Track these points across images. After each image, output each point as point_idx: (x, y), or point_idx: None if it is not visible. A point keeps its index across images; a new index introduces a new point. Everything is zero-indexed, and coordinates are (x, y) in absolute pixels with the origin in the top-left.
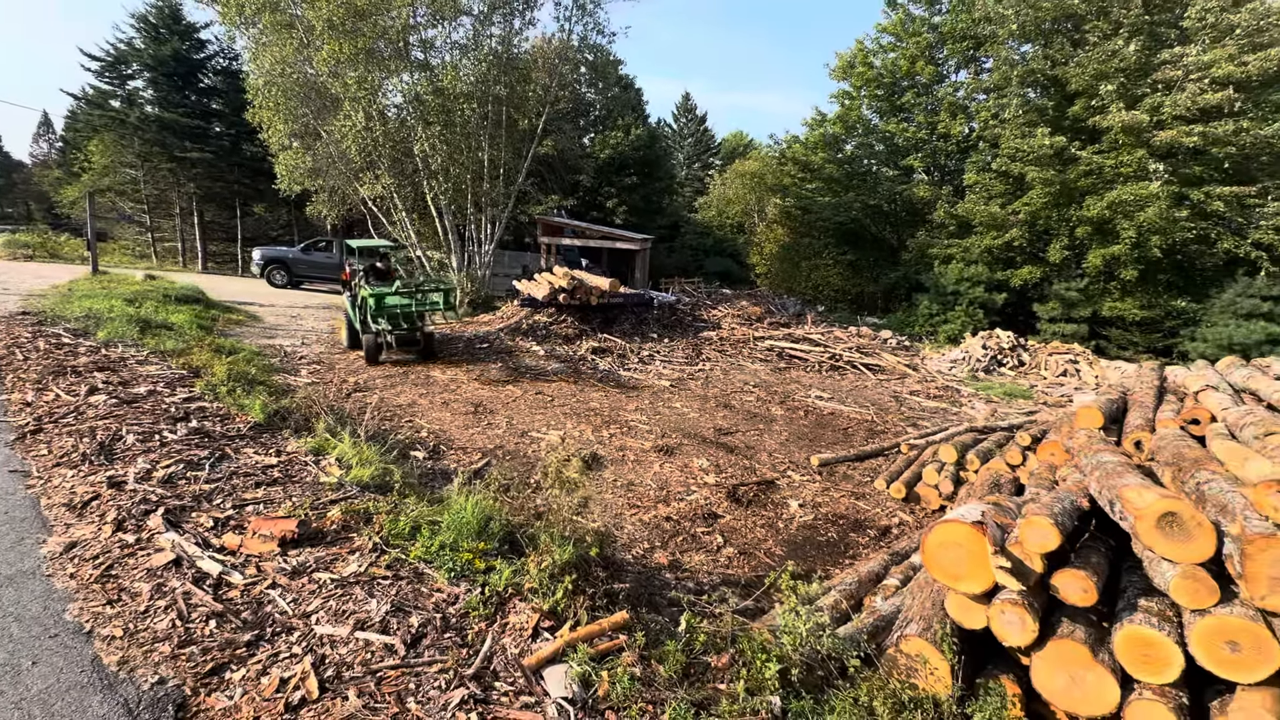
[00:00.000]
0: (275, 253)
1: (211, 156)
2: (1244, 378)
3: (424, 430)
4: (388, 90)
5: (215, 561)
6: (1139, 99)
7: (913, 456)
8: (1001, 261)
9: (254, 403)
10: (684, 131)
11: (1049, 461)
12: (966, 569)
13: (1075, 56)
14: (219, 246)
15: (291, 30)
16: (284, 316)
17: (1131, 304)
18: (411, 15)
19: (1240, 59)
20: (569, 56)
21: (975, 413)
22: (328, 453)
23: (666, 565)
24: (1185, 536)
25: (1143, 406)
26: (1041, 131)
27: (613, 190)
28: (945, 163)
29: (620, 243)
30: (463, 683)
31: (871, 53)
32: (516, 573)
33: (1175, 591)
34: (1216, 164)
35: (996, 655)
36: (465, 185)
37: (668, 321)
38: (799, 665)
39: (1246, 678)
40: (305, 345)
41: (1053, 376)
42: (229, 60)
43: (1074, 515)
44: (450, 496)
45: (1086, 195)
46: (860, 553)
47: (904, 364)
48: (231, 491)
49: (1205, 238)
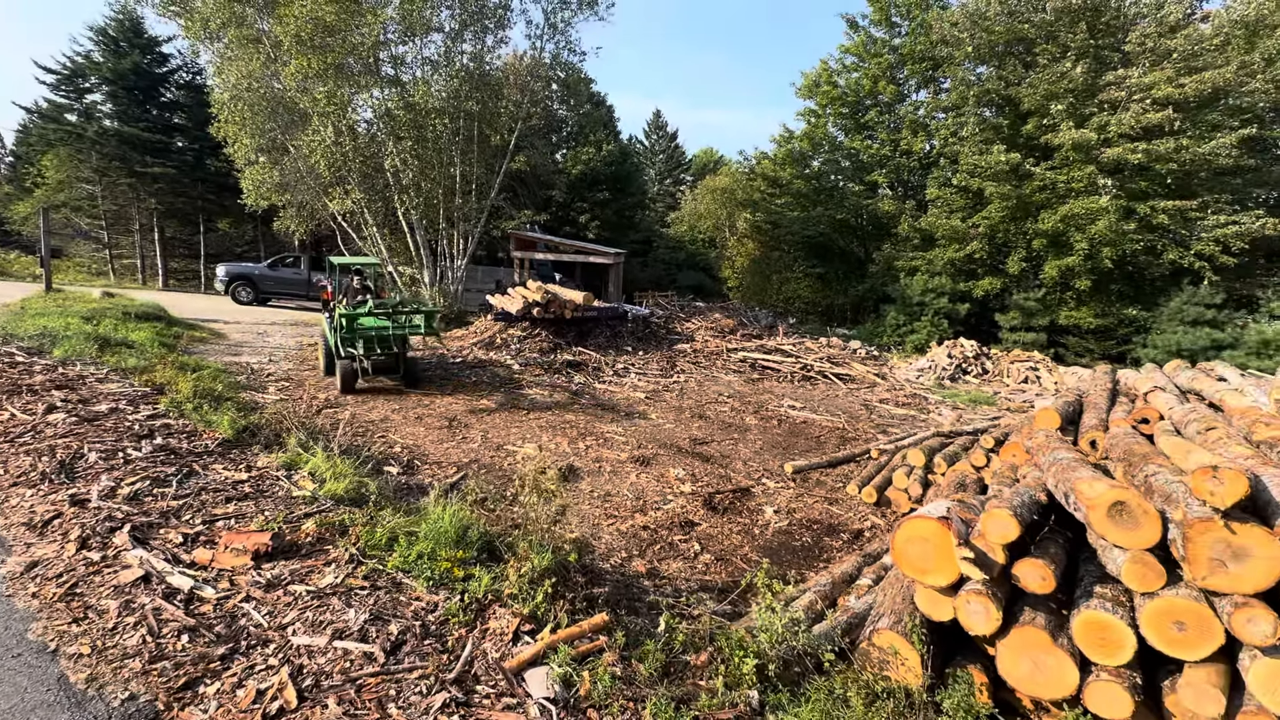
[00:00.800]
0: (241, 269)
1: (174, 171)
2: (1189, 379)
3: (398, 445)
4: (358, 105)
5: (186, 577)
6: (1087, 118)
7: (883, 462)
8: (964, 273)
9: (222, 419)
10: (655, 148)
11: (1011, 461)
12: (934, 563)
13: (1027, 78)
14: (181, 263)
15: (258, 45)
16: (250, 334)
17: (1087, 313)
18: (382, 32)
19: (1178, 81)
20: (541, 74)
21: (942, 419)
22: (300, 467)
23: (645, 573)
24: (1134, 524)
25: (1097, 408)
26: (997, 148)
27: (585, 205)
28: (908, 178)
29: (593, 257)
30: (444, 687)
31: (835, 72)
32: (496, 579)
33: (1126, 576)
34: (1160, 179)
35: (966, 647)
36: (437, 200)
37: (642, 334)
38: (775, 661)
39: (1193, 655)
40: (273, 362)
41: (1015, 383)
42: (193, 74)
43: (1033, 508)
44: (427, 507)
45: (1041, 209)
46: (834, 556)
47: (873, 373)
48: (201, 507)
49: (1152, 249)
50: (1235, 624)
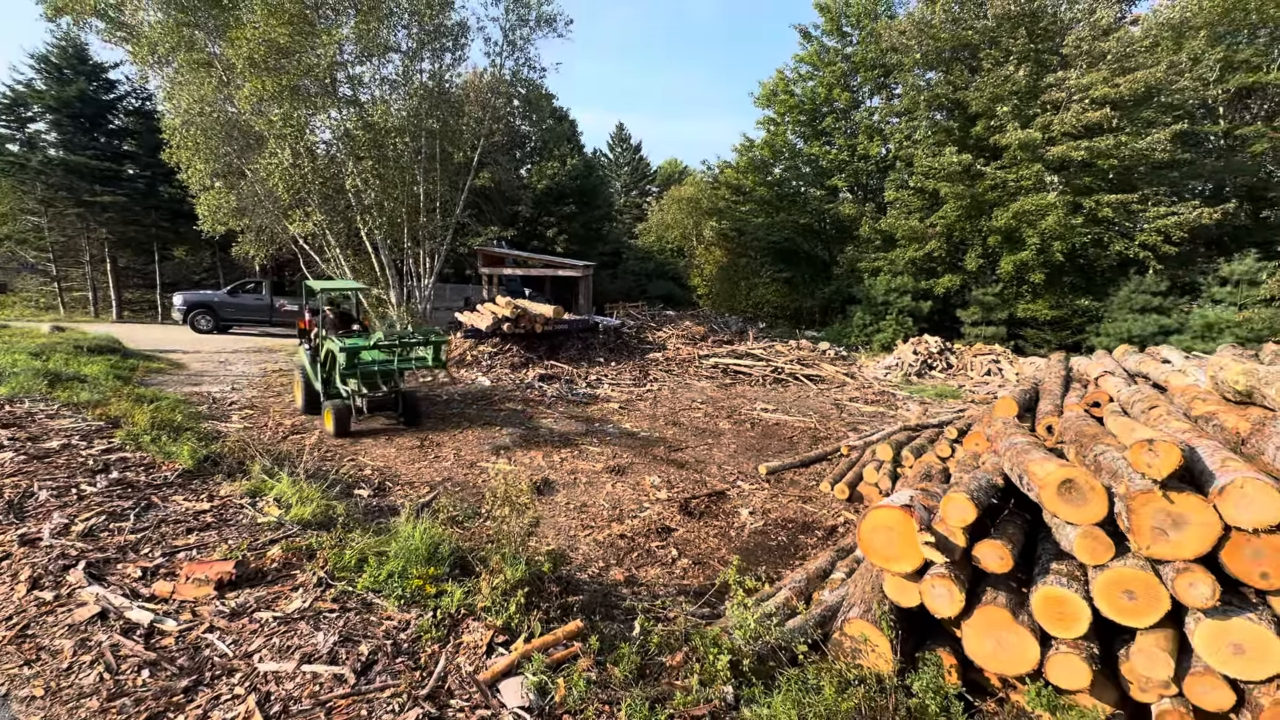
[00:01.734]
0: (199, 297)
1: (125, 200)
2: (1136, 363)
3: (367, 468)
4: (316, 126)
5: (146, 611)
6: (1031, 118)
7: (854, 458)
8: (925, 271)
9: (182, 449)
10: (620, 160)
11: (973, 450)
12: (899, 550)
13: (973, 82)
14: (135, 294)
15: (210, 68)
16: (211, 362)
17: (1042, 305)
18: (338, 52)
19: (1113, 81)
20: (502, 90)
21: (910, 414)
22: (265, 494)
23: (623, 581)
24: (1082, 500)
25: (1052, 395)
26: (949, 150)
27: (552, 220)
28: (867, 181)
29: (562, 270)
30: (417, 703)
31: (792, 81)
32: (468, 593)
33: (1078, 550)
34: (1102, 175)
35: (935, 631)
36: (401, 219)
37: (613, 345)
38: (750, 656)
39: (1143, 622)
40: (236, 391)
41: (978, 376)
42: (142, 100)
43: (990, 491)
44: (397, 527)
45: (994, 207)
46: (809, 553)
47: (842, 373)
48: (160, 540)
49: (1099, 241)
50: (1179, 589)
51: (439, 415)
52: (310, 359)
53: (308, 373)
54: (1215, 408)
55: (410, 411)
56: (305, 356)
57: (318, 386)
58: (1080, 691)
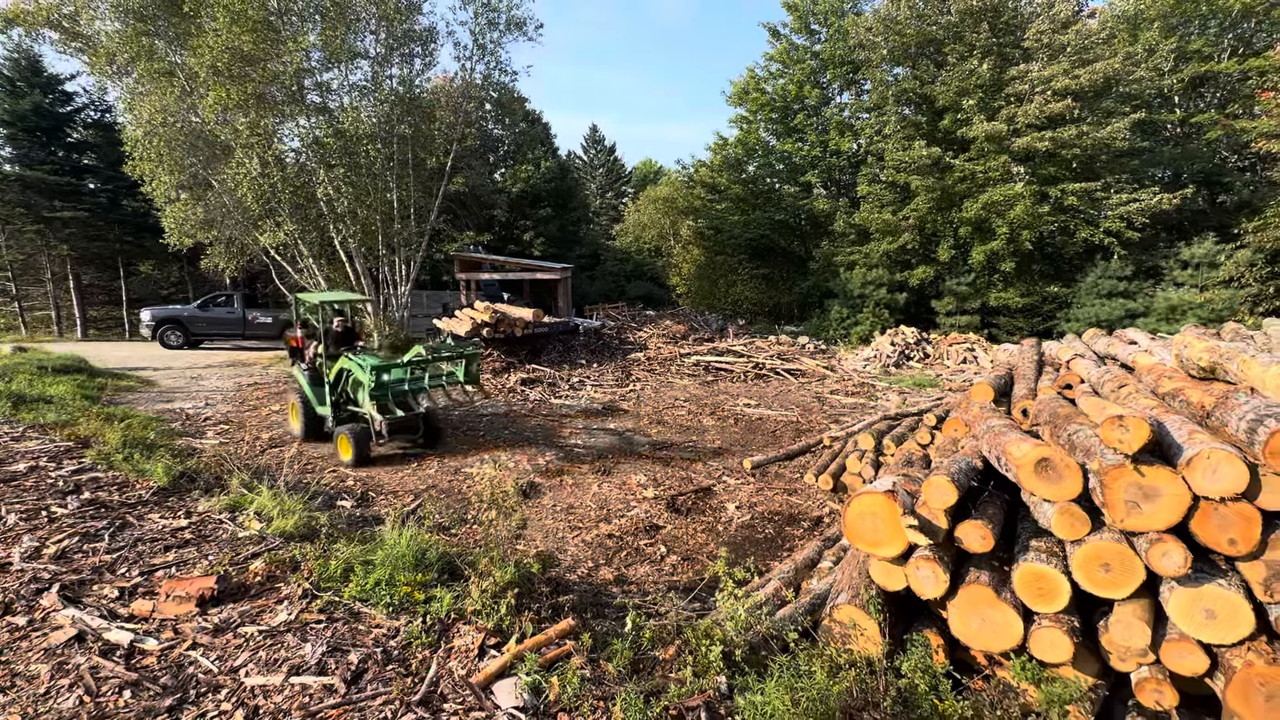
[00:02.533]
0: (168, 312)
1: (87, 215)
2: (1105, 345)
3: (350, 478)
4: (284, 134)
5: (125, 631)
6: (997, 111)
7: (836, 449)
8: (899, 264)
9: (155, 467)
10: (594, 162)
11: (952, 435)
12: (884, 535)
13: (940, 76)
14: (101, 311)
15: (171, 78)
16: (183, 379)
17: (1013, 293)
18: (305, 59)
19: (1073, 73)
20: (473, 95)
21: (889, 404)
22: (245, 508)
23: (612, 580)
24: (1058, 478)
25: (1026, 378)
26: (919, 144)
27: (529, 223)
28: (840, 177)
29: (540, 273)
30: (410, 709)
31: (763, 80)
32: (458, 598)
33: (1056, 527)
34: (1066, 164)
35: (922, 614)
36: (375, 227)
37: (595, 347)
38: (742, 646)
39: (1119, 593)
40: (210, 406)
41: (955, 364)
42: (101, 112)
43: (969, 474)
44: (383, 535)
45: (964, 199)
46: (796, 544)
47: (822, 366)
48: (137, 559)
49: (1066, 229)
50: (1152, 559)
51: None
52: (309, 380)
53: (307, 396)
54: (1181, 384)
55: (432, 434)
56: (303, 378)
57: (322, 410)
58: (1063, 664)
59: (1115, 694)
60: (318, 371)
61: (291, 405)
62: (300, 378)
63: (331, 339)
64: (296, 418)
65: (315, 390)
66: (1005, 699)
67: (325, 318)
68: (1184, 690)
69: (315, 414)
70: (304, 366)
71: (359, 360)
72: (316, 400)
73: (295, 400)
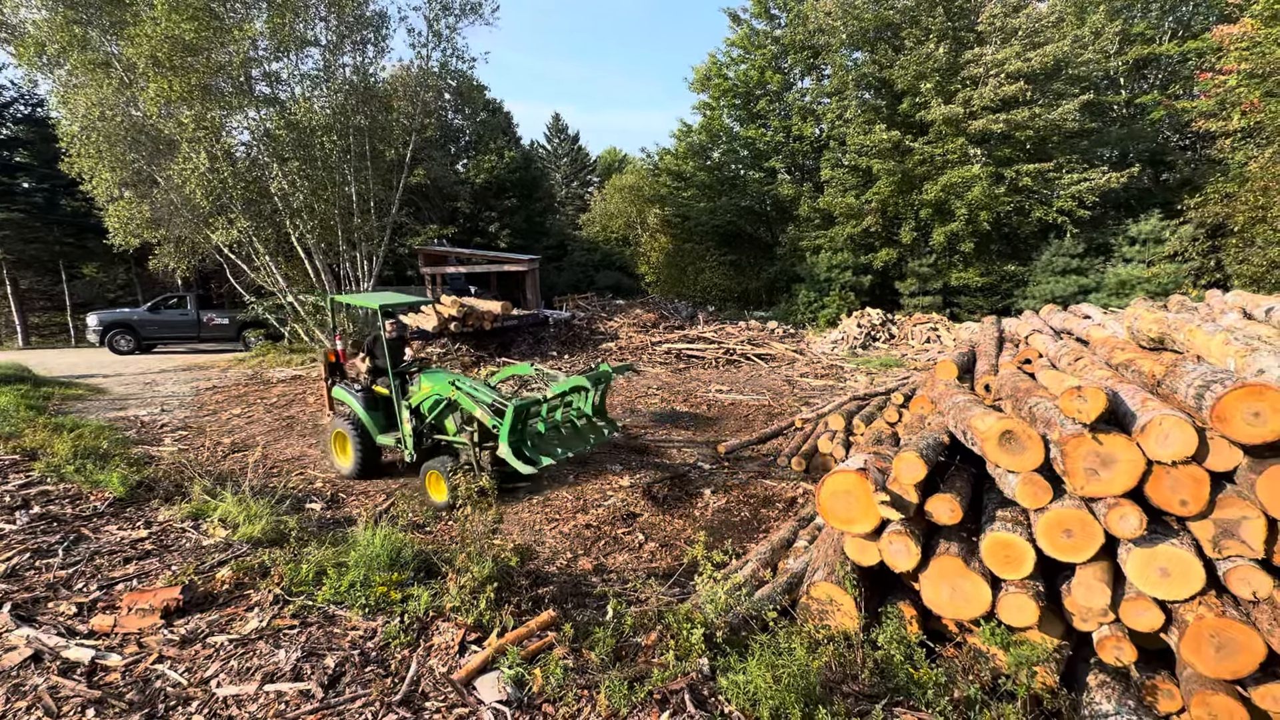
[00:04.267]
0: (116, 315)
1: (21, 216)
2: (1061, 320)
3: (318, 480)
4: (233, 128)
5: (85, 648)
6: (953, 94)
7: (808, 431)
8: (863, 247)
9: (110, 477)
10: (558, 152)
11: (919, 413)
12: (857, 511)
13: (898, 60)
14: (43, 317)
15: (108, 69)
16: (135, 385)
17: (973, 273)
18: (252, 48)
19: (1025, 56)
20: (430, 84)
21: (858, 385)
22: (209, 515)
23: (591, 570)
24: (1021, 449)
25: (988, 355)
26: (879, 128)
27: (493, 214)
28: (803, 162)
29: (508, 265)
30: (390, 710)
31: (724, 65)
32: (436, 595)
33: (1020, 496)
34: (1020, 145)
35: (896, 587)
36: (334, 222)
37: (565, 338)
38: (723, 628)
39: (1081, 557)
40: (166, 412)
41: (919, 344)
42: (33, 106)
43: (938, 449)
44: (355, 536)
45: (924, 181)
46: (772, 525)
47: (791, 350)
48: (95, 573)
49: (1021, 209)
50: (1110, 522)
51: None
52: (364, 404)
53: (364, 422)
54: (1133, 355)
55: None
56: (355, 400)
57: (383, 440)
58: (1030, 628)
59: (1078, 653)
60: (372, 392)
61: (335, 436)
62: (351, 400)
63: (381, 349)
64: (345, 452)
65: (371, 415)
66: (976, 664)
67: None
68: (1142, 646)
69: (374, 446)
70: (357, 387)
71: (475, 389)
72: (376, 428)
73: (343, 428)
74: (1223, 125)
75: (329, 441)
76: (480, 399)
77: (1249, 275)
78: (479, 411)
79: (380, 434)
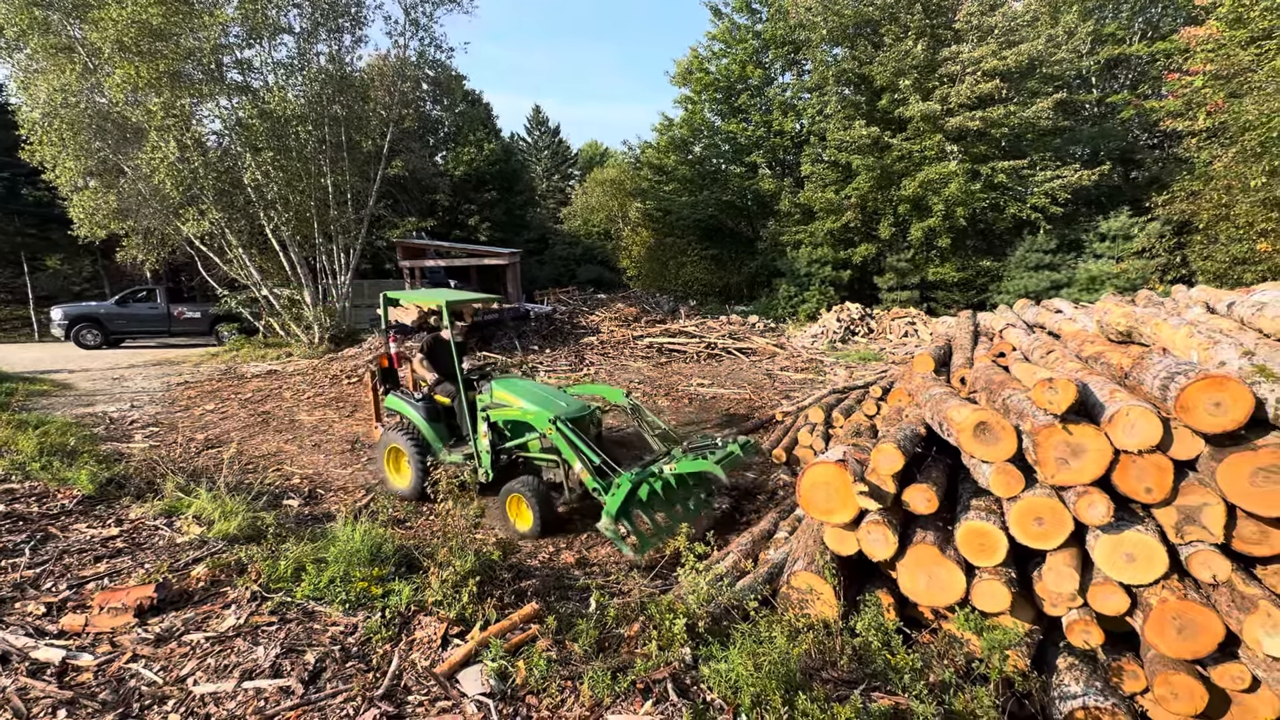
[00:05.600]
0: (82, 309)
1: None
2: (1034, 315)
3: (296, 476)
4: (204, 116)
5: (55, 648)
6: (931, 91)
7: (788, 424)
8: (843, 242)
9: (79, 474)
10: (539, 144)
11: (897, 405)
12: (836, 502)
13: (877, 57)
14: (3, 311)
15: (71, 54)
16: (104, 380)
17: (950, 268)
18: (223, 34)
19: (1001, 54)
20: (408, 73)
21: (837, 378)
22: (183, 512)
23: (574, 563)
24: (994, 440)
25: (963, 348)
26: (859, 124)
27: (473, 207)
28: (784, 157)
29: (488, 259)
30: (372, 704)
31: (706, 59)
32: (418, 590)
33: (993, 485)
34: (996, 143)
35: (874, 576)
36: (309, 214)
37: (546, 332)
38: (705, 618)
39: (1051, 544)
40: (136, 408)
41: (897, 338)
42: None
43: (914, 440)
44: (335, 531)
45: (902, 177)
46: (753, 517)
47: (772, 344)
48: (64, 572)
49: (996, 205)
50: (1080, 510)
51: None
52: (425, 415)
53: (425, 435)
54: (1102, 348)
55: None
56: (415, 412)
57: (451, 457)
58: (1002, 613)
59: (1049, 637)
60: (433, 402)
61: (389, 452)
62: (410, 412)
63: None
64: (401, 471)
65: (434, 428)
66: (951, 649)
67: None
68: (1109, 629)
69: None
70: (417, 396)
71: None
72: (440, 443)
73: (399, 443)
74: (1189, 125)
75: (381, 458)
76: (585, 453)
77: (1213, 271)
78: (579, 466)
79: (445, 450)
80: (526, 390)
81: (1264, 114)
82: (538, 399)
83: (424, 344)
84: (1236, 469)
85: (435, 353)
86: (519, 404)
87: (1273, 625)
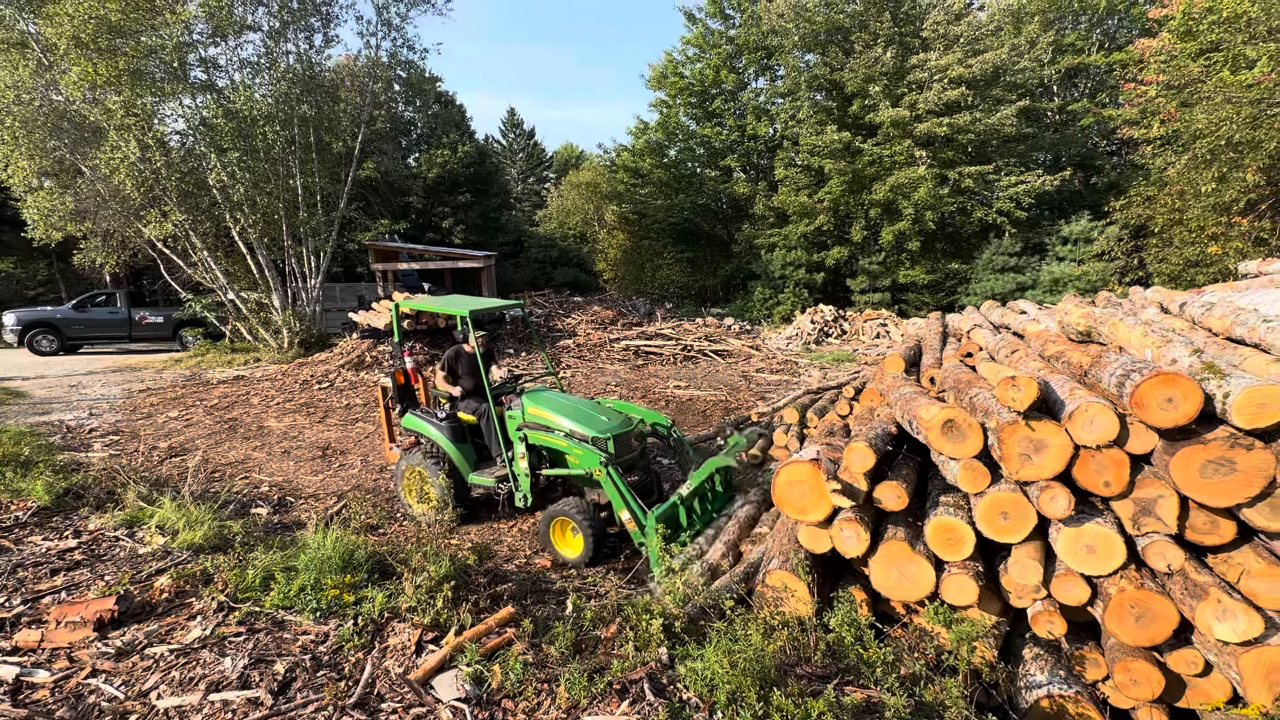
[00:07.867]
0: (37, 314)
1: None
2: (1000, 316)
3: (264, 484)
4: (167, 115)
5: (9, 665)
6: (900, 97)
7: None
8: (816, 245)
9: (33, 485)
10: (514, 147)
11: (869, 405)
12: (810, 500)
13: (847, 63)
14: None
15: (25, 50)
16: (60, 388)
17: (920, 270)
18: (186, 32)
19: (966, 62)
20: (380, 74)
21: (811, 379)
22: (145, 522)
23: (550, 566)
24: (962, 437)
25: (932, 349)
26: (830, 129)
27: (447, 210)
28: (758, 161)
29: (462, 262)
30: (345, 713)
31: (680, 64)
32: (391, 596)
33: (961, 481)
34: (963, 148)
35: (847, 572)
36: (278, 216)
37: (522, 335)
38: (681, 618)
39: (1016, 538)
40: (95, 416)
41: (869, 339)
42: None
43: (886, 439)
44: (305, 539)
45: (873, 181)
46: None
47: (748, 346)
48: (18, 587)
49: (964, 209)
50: (1042, 504)
51: (341, 422)
52: (451, 435)
53: (452, 456)
54: (1063, 347)
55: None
56: (438, 432)
57: (482, 480)
58: (970, 606)
59: (1015, 628)
60: (458, 420)
61: (409, 475)
62: (433, 432)
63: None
64: (424, 496)
65: (461, 449)
66: (922, 642)
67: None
68: (1071, 619)
69: (465, 487)
70: (440, 415)
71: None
72: (468, 465)
73: (422, 468)
74: (1144, 132)
75: (400, 484)
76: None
77: (1167, 273)
78: (626, 516)
79: (473, 472)
80: (563, 406)
81: (1213, 123)
82: (578, 416)
83: (444, 358)
84: (1188, 462)
85: (459, 367)
86: (558, 422)
87: (1223, 611)
